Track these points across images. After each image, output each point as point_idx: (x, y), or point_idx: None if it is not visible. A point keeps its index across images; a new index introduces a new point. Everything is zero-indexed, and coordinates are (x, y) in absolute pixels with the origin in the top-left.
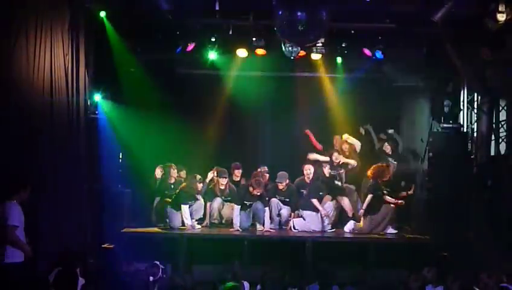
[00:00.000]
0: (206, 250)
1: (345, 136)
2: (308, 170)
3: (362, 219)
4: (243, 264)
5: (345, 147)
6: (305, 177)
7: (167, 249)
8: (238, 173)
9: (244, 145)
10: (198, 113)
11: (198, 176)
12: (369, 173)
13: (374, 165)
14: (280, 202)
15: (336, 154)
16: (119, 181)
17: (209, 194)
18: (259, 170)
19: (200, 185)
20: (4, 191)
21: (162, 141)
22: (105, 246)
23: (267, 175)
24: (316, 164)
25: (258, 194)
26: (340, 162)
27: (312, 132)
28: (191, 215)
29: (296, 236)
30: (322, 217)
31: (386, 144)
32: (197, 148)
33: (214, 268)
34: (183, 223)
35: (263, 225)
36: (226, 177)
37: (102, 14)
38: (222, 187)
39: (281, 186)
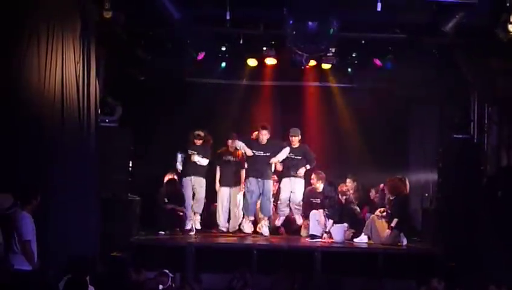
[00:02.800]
0: (214, 259)
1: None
2: (314, 179)
3: (388, 232)
4: (251, 274)
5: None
6: (313, 186)
7: (176, 257)
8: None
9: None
10: (208, 122)
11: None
12: (386, 189)
13: (388, 180)
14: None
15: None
16: (128, 189)
17: None
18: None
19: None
20: (16, 200)
21: (172, 149)
22: (114, 254)
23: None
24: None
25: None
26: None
27: (321, 141)
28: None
29: (305, 246)
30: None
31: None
32: None
33: (222, 277)
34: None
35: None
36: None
37: (120, 23)
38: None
39: (294, 143)
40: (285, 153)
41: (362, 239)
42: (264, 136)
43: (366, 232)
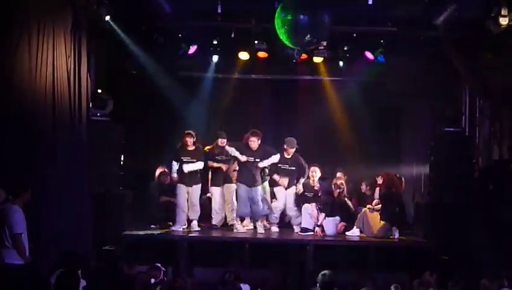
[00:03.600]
0: (207, 253)
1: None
2: (314, 173)
3: (378, 224)
4: (243, 268)
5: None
6: (311, 181)
7: (168, 251)
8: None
9: None
10: (200, 116)
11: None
12: (379, 181)
13: (383, 173)
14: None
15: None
16: (120, 183)
17: None
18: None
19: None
20: (7, 193)
21: (164, 143)
22: (106, 248)
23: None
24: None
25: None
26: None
27: (312, 135)
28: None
29: (297, 239)
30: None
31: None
32: None
33: (215, 271)
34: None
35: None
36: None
37: (105, 16)
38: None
39: (288, 153)
40: (273, 159)
41: (354, 232)
42: (254, 143)
43: (358, 225)
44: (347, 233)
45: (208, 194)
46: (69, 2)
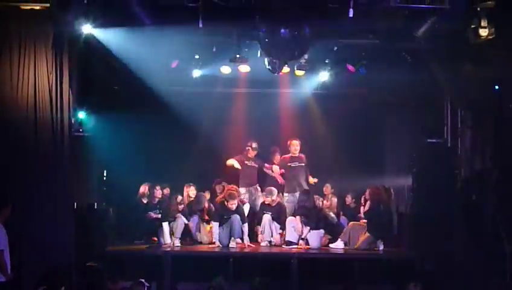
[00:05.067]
0: (191, 268)
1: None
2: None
3: (363, 236)
4: (228, 282)
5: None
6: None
7: (152, 267)
8: (219, 188)
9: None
10: (181, 130)
11: (180, 197)
12: (367, 194)
13: (370, 188)
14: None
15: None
16: (103, 199)
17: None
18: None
19: (180, 207)
20: None
21: (146, 158)
22: (90, 264)
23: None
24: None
25: (234, 207)
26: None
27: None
28: (173, 233)
29: (281, 253)
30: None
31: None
32: (180, 165)
33: (199, 286)
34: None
35: (241, 240)
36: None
37: (86, 31)
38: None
39: (267, 202)
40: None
41: (338, 245)
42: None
43: (344, 238)
44: (331, 245)
45: None
46: (50, 18)
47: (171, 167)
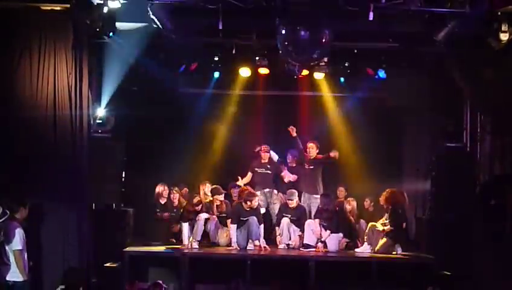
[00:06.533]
0: (208, 269)
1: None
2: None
3: (382, 240)
4: (245, 284)
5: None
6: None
7: (170, 268)
8: (235, 192)
9: (246, 164)
10: (200, 132)
11: (197, 198)
12: (382, 199)
13: (386, 192)
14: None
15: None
16: (121, 200)
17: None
18: (258, 148)
19: (198, 207)
20: (5, 209)
21: (165, 159)
22: (107, 265)
23: (268, 153)
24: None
25: (255, 205)
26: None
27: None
28: (192, 234)
29: (299, 256)
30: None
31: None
32: (199, 167)
33: (216, 288)
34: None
35: (259, 241)
36: (222, 194)
37: (106, 32)
38: (218, 203)
39: (290, 205)
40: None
41: (365, 249)
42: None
43: (369, 241)
44: (357, 250)
45: None
46: (69, 19)
47: (188, 167)
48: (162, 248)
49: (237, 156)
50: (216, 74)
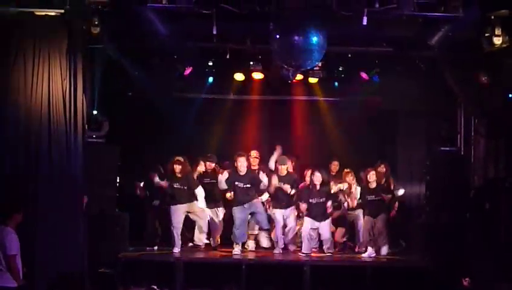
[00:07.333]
0: (203, 274)
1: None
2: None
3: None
4: (240, 289)
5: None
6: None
7: (165, 273)
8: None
9: None
10: (195, 137)
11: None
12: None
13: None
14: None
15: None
16: (116, 205)
17: None
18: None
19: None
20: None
21: (160, 164)
22: (102, 270)
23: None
24: None
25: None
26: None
27: (308, 155)
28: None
29: (294, 260)
30: None
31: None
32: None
33: None
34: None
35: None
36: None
37: (100, 37)
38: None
39: (281, 172)
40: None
41: (370, 253)
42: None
43: (372, 245)
44: (363, 255)
45: None
46: (64, 25)
47: None
48: (155, 253)
49: (231, 160)
50: (210, 79)
